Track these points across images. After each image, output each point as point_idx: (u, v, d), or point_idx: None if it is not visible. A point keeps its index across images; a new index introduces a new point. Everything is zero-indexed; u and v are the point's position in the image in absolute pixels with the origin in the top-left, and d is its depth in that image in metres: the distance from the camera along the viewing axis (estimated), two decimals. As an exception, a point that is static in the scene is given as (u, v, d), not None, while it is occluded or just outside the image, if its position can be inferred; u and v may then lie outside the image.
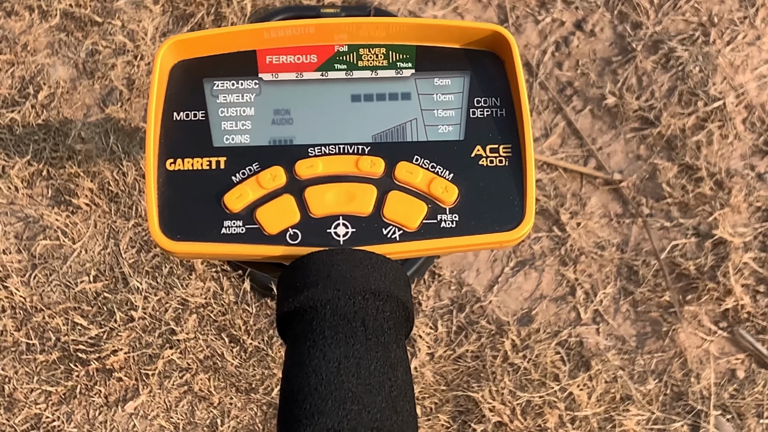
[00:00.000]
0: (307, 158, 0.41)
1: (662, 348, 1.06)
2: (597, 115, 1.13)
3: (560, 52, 1.16)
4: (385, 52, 0.43)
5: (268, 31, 0.42)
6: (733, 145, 1.11)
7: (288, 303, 0.37)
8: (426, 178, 0.41)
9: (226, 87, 0.42)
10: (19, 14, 1.17)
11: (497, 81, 0.43)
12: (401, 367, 0.36)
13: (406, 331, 0.39)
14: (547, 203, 1.09)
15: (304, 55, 0.43)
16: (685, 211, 1.09)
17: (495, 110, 0.42)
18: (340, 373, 0.34)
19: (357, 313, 0.36)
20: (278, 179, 0.40)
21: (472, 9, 1.18)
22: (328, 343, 0.35)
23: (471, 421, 1.03)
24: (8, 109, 1.13)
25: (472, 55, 0.43)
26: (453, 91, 0.43)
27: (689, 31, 1.15)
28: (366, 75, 0.43)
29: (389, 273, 0.38)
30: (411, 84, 0.43)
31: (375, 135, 0.42)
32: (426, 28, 0.43)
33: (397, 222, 0.40)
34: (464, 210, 0.40)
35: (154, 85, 0.41)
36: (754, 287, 1.06)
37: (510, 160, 0.41)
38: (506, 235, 0.40)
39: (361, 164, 0.41)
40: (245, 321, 1.06)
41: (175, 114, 0.42)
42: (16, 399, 1.05)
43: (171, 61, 0.42)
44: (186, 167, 0.41)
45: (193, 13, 1.16)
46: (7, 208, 1.11)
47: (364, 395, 0.34)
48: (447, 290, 1.08)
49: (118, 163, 1.11)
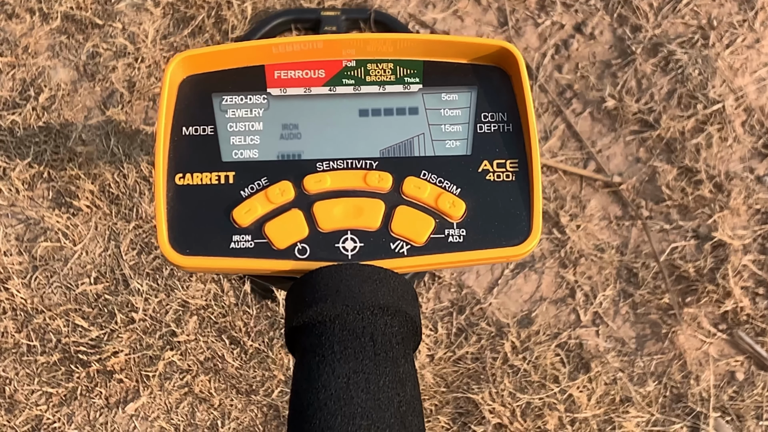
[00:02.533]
0: (316, 173, 0.41)
1: (662, 350, 1.06)
2: (597, 118, 1.13)
3: (560, 55, 1.16)
4: (393, 67, 0.43)
5: (277, 47, 0.42)
6: (733, 148, 1.11)
7: (297, 318, 0.37)
8: (434, 193, 0.41)
9: (235, 102, 0.43)
10: (20, 17, 1.17)
11: (504, 96, 0.43)
12: (410, 383, 0.36)
13: (414, 345, 0.39)
14: (546, 205, 1.09)
15: (312, 70, 0.43)
16: (684, 213, 1.09)
17: (502, 125, 0.43)
18: (350, 388, 0.34)
19: (366, 328, 0.36)
20: (287, 194, 0.41)
21: (472, 12, 1.18)
22: (337, 358, 0.35)
23: (471, 423, 1.03)
24: (9, 111, 1.14)
25: (479, 71, 0.44)
26: (460, 106, 0.43)
27: (689, 34, 1.15)
28: (374, 90, 0.43)
29: (397, 288, 0.38)
30: (418, 99, 0.43)
31: (383, 150, 0.42)
32: (433, 43, 0.43)
33: (404, 237, 0.40)
34: (471, 225, 0.41)
35: (164, 100, 0.41)
36: (754, 289, 1.07)
37: (517, 175, 0.42)
38: (513, 250, 0.40)
39: (369, 179, 0.41)
40: (246, 323, 1.06)
41: (184, 129, 0.42)
42: (17, 400, 1.05)
43: (180, 76, 0.42)
44: (195, 182, 0.41)
45: (194, 15, 1.16)
46: (8, 210, 1.11)
47: (373, 411, 0.34)
48: (447, 292, 1.08)
49: (119, 165, 1.11)
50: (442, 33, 1.17)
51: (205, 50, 0.42)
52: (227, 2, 1.16)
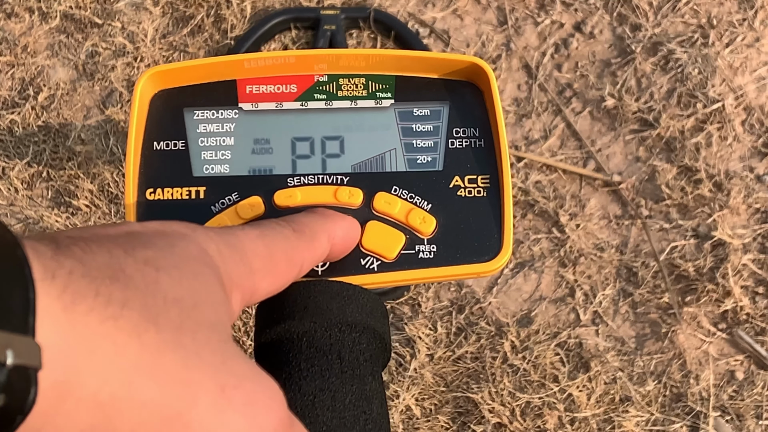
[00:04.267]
0: (287, 188, 0.41)
1: (661, 349, 1.06)
2: (596, 117, 1.13)
3: (559, 54, 1.16)
4: (365, 82, 0.43)
5: (249, 62, 0.42)
6: (732, 147, 1.11)
7: (265, 334, 0.37)
8: (404, 208, 0.41)
9: (206, 117, 0.42)
10: (20, 16, 1.17)
11: (476, 111, 0.43)
12: (377, 400, 0.36)
13: (383, 362, 0.39)
14: (546, 205, 1.09)
15: (284, 84, 0.43)
16: (684, 212, 1.09)
17: (474, 141, 0.43)
18: (315, 406, 0.34)
19: (333, 345, 0.36)
20: (256, 209, 0.40)
21: (471, 11, 1.18)
22: (304, 375, 0.35)
23: (470, 423, 1.03)
24: (8, 110, 1.14)
25: (451, 86, 0.43)
26: (432, 122, 0.43)
27: (688, 33, 1.15)
28: (345, 105, 0.43)
29: (366, 304, 0.38)
30: (390, 114, 0.43)
31: (354, 165, 0.42)
32: (405, 59, 0.43)
33: (375, 252, 0.40)
34: (442, 241, 0.40)
35: (134, 114, 0.41)
36: (753, 289, 1.07)
37: (488, 191, 0.41)
38: (484, 266, 0.40)
39: (340, 195, 0.41)
40: (244, 322, 1.06)
41: (155, 143, 0.42)
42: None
43: (151, 91, 0.42)
44: (166, 197, 0.41)
45: (193, 15, 1.16)
46: (7, 209, 1.11)
47: (338, 429, 0.34)
48: (446, 291, 1.08)
49: (118, 164, 1.11)
50: (442, 32, 1.17)
51: (176, 65, 0.42)
52: (226, 1, 1.16)
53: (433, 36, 1.17)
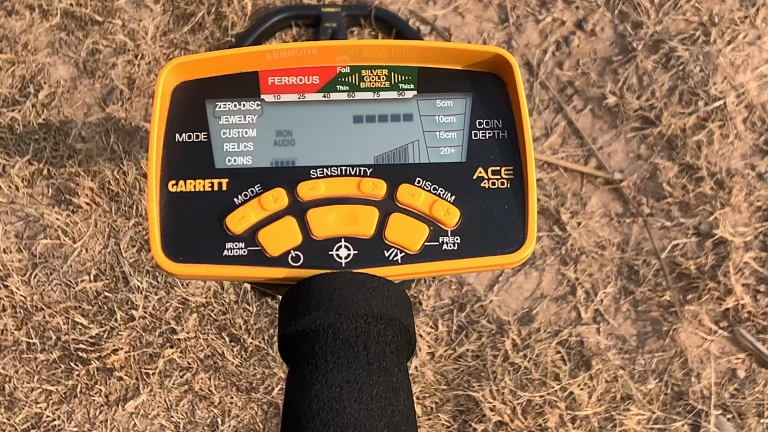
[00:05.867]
0: (309, 180, 0.41)
1: (663, 347, 1.06)
2: (597, 115, 1.13)
3: (561, 52, 1.16)
4: (388, 74, 0.43)
5: (271, 53, 0.42)
6: (734, 145, 1.11)
7: (290, 326, 0.37)
8: (428, 200, 0.41)
9: (229, 108, 0.42)
10: (20, 13, 1.17)
11: (499, 103, 0.43)
12: (403, 392, 0.36)
13: (408, 354, 0.39)
14: (547, 203, 1.09)
15: (306, 76, 0.43)
16: (685, 210, 1.09)
17: (497, 132, 0.42)
18: (342, 398, 0.34)
19: (359, 337, 0.36)
20: (280, 201, 0.40)
21: (472, 8, 1.18)
22: (330, 367, 0.35)
23: (471, 421, 1.03)
24: (9, 108, 1.13)
25: (474, 77, 0.43)
26: (455, 113, 0.43)
27: (690, 30, 1.15)
28: (368, 96, 0.43)
29: (391, 296, 0.38)
30: (413, 105, 0.43)
31: (377, 157, 0.42)
32: (428, 50, 0.42)
33: (398, 244, 0.40)
34: (466, 232, 0.40)
35: (157, 106, 0.41)
36: (755, 287, 1.06)
37: (512, 182, 0.41)
38: (508, 258, 0.40)
39: (363, 186, 0.41)
40: (246, 320, 1.06)
41: (177, 135, 0.42)
42: (16, 398, 1.05)
43: (173, 83, 0.42)
44: (188, 189, 0.41)
45: (194, 12, 1.16)
46: (7, 207, 1.11)
47: (366, 421, 0.34)
48: (447, 289, 1.08)
49: (119, 162, 1.11)
50: (443, 29, 1.17)
51: (198, 56, 0.42)
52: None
53: (434, 34, 1.17)
